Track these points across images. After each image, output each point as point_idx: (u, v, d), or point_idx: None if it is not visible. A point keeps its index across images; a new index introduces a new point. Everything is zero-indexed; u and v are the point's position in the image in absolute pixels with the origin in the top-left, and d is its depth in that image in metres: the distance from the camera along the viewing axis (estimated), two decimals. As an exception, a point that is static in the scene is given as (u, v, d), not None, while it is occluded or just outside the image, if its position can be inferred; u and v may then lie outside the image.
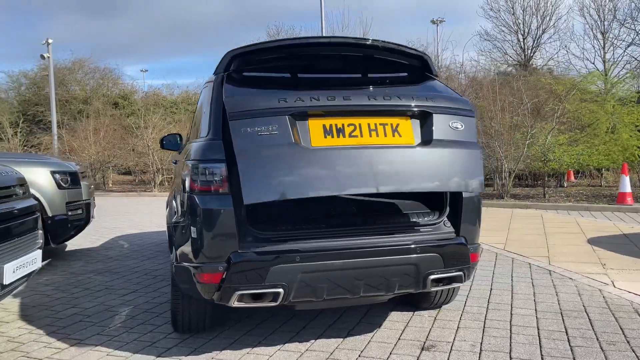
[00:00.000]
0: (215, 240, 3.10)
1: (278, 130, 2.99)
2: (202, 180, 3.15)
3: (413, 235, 3.33)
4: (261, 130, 2.97)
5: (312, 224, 3.33)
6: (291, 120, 3.05)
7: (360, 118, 3.16)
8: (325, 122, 3.12)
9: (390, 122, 3.20)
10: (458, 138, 3.25)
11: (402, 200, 3.68)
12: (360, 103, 3.18)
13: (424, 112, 3.26)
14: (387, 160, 3.08)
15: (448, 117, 3.27)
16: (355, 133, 3.12)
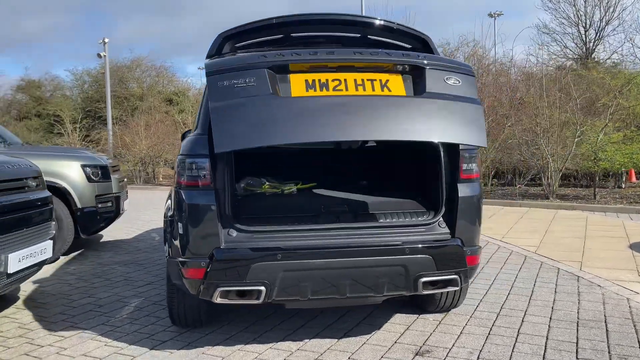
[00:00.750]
0: (199, 235, 3.09)
1: (256, 82, 2.84)
2: (188, 175, 3.15)
3: (403, 236, 3.20)
4: (238, 82, 2.83)
5: (297, 221, 3.26)
6: (270, 73, 2.89)
7: (345, 73, 2.96)
8: (308, 77, 2.96)
9: (379, 77, 3.00)
10: (455, 92, 3.00)
11: (397, 199, 3.55)
12: (345, 57, 2.99)
13: (415, 66, 3.04)
14: (374, 109, 2.85)
15: (443, 72, 3.03)
16: (340, 87, 2.92)
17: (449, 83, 3.02)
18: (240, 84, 2.82)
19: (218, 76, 2.86)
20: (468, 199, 3.30)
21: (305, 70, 2.98)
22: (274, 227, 3.18)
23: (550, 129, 11.53)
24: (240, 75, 2.84)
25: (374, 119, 2.80)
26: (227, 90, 2.82)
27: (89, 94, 33.54)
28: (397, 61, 3.03)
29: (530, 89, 13.21)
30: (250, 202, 3.27)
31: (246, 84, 2.82)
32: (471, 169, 3.37)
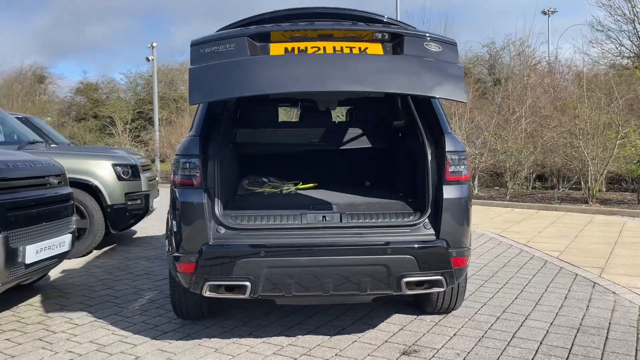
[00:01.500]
0: (190, 232, 3.26)
1: (235, 47, 2.97)
2: (181, 174, 3.32)
3: (387, 236, 3.25)
4: (218, 48, 2.96)
5: (284, 219, 3.37)
6: (250, 41, 3.02)
7: (325, 42, 3.05)
8: (288, 45, 3.07)
9: (358, 45, 3.09)
10: (435, 56, 3.05)
11: (386, 200, 3.60)
12: (325, 26, 3.10)
13: (395, 34, 3.13)
14: (352, 63, 2.93)
15: (423, 40, 3.09)
16: (319, 52, 3.02)
17: (428, 48, 3.07)
18: (220, 49, 2.96)
19: (200, 45, 3.02)
20: (454, 200, 3.31)
21: (286, 39, 3.09)
22: (260, 224, 3.31)
23: (590, 131, 11.12)
24: (221, 42, 2.99)
25: (352, 71, 2.87)
26: (207, 55, 2.96)
27: (141, 96, 34.92)
28: (376, 29, 3.11)
29: (569, 88, 12.76)
30: (240, 200, 3.42)
31: (226, 49, 2.96)
32: (459, 171, 3.38)
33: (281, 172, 4.57)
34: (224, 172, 3.63)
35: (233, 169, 4.08)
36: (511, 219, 9.66)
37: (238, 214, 3.40)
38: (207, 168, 3.30)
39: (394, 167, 4.55)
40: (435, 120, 3.56)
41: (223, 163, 3.62)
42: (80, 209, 6.54)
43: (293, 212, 3.42)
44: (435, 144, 3.46)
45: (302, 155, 4.54)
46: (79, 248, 6.54)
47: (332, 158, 4.82)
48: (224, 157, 3.70)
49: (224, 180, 3.61)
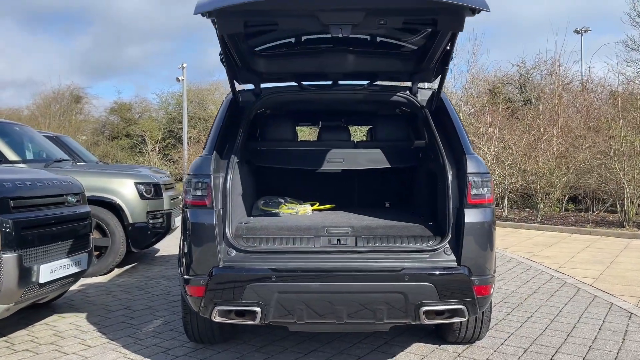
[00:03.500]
0: (200, 254, 3.17)
1: None
2: (192, 194, 3.25)
3: (405, 261, 3.09)
4: None
5: (297, 242, 3.25)
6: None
7: None
8: None
9: None
10: None
11: (405, 223, 3.44)
12: None
13: None
14: None
15: None
16: None
17: None
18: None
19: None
20: (476, 225, 3.14)
21: None
22: (271, 247, 3.19)
23: (626, 152, 10.71)
24: None
25: None
26: None
27: (172, 116, 35.52)
28: None
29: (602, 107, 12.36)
30: (253, 221, 3.32)
31: None
32: (482, 194, 3.21)
33: (298, 192, 4.47)
34: (238, 191, 3.55)
35: (248, 189, 3.99)
36: (542, 243, 9.31)
37: (250, 235, 3.30)
38: (218, 188, 3.22)
39: (414, 189, 4.40)
40: (456, 139, 3.41)
41: (236, 183, 3.53)
42: (102, 227, 6.57)
43: (307, 235, 3.29)
44: (457, 165, 3.31)
45: (320, 175, 4.43)
46: (100, 266, 6.56)
47: (351, 178, 4.70)
48: (238, 176, 3.61)
49: (238, 200, 3.53)
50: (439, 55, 3.51)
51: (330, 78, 3.92)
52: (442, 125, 3.57)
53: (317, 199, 4.36)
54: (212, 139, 3.38)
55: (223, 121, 3.52)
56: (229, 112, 3.63)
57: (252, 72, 3.69)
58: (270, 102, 3.87)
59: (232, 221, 3.25)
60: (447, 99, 3.75)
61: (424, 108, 3.75)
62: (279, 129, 4.19)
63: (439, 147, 3.41)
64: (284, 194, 4.33)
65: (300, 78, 3.87)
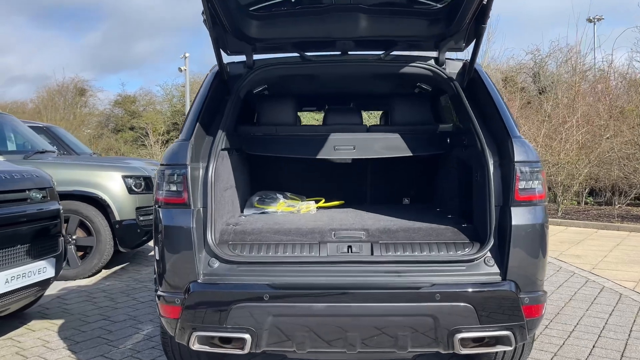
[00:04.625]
0: (174, 265, 2.52)
1: None
2: (165, 189, 2.59)
3: (435, 275, 2.42)
4: None
5: (297, 249, 2.58)
6: None
7: None
8: None
9: None
10: None
11: (433, 225, 2.76)
12: None
13: None
14: None
15: None
16: None
17: None
18: None
19: None
20: (526, 228, 2.46)
21: None
22: (264, 257, 2.53)
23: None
24: None
25: None
26: None
27: (177, 108, 34.88)
28: None
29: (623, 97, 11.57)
30: (245, 223, 2.68)
31: None
32: (532, 187, 2.53)
33: (300, 186, 3.79)
34: (225, 186, 2.89)
35: (239, 182, 3.33)
36: (568, 240, 8.60)
37: (238, 241, 2.64)
38: (198, 182, 2.56)
39: (440, 182, 3.71)
40: (497, 119, 2.72)
41: (223, 175, 2.87)
42: (86, 224, 5.95)
43: (309, 240, 2.63)
44: (499, 152, 2.62)
45: (326, 165, 3.76)
46: (84, 268, 5.96)
47: (363, 169, 4.01)
48: (226, 167, 2.95)
49: (224, 196, 2.87)
50: (474, 11, 2.79)
51: (339, 48, 3.21)
52: (478, 103, 2.89)
53: (324, 194, 3.69)
54: (191, 121, 2.72)
55: (205, 99, 2.85)
56: (214, 89, 2.96)
57: (243, 38, 3.00)
58: (265, 77, 3.18)
59: (215, 223, 2.60)
60: (483, 70, 3.05)
61: (454, 82, 3.06)
62: (276, 110, 3.50)
63: (476, 130, 2.72)
64: (283, 189, 3.65)
65: (302, 47, 3.17)
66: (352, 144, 3.36)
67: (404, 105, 3.57)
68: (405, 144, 3.38)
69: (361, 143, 3.38)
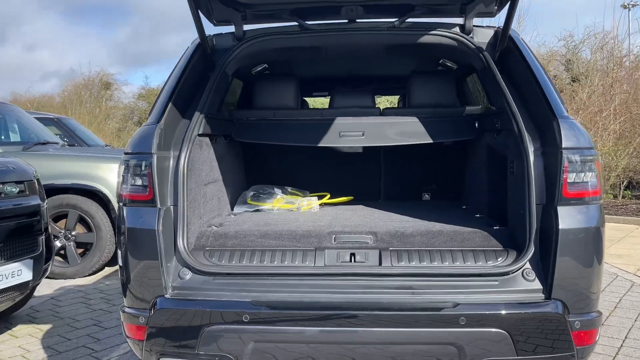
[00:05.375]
0: (138, 276, 2.08)
1: None
2: (129, 183, 2.14)
3: (459, 292, 1.92)
4: None
5: (287, 258, 2.11)
6: None
7: None
8: None
9: None
10: None
11: (457, 227, 2.25)
12: None
13: None
14: None
15: None
16: None
17: None
18: None
19: None
20: (577, 232, 1.94)
21: None
22: (247, 267, 2.07)
23: None
24: None
25: None
26: None
27: (200, 100, 34.85)
28: None
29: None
30: (232, 224, 2.24)
31: None
32: (584, 181, 2.00)
33: (304, 179, 3.31)
34: (206, 179, 2.44)
35: (229, 175, 2.87)
36: (607, 237, 7.91)
37: (217, 246, 2.18)
38: (167, 174, 2.11)
39: (469, 174, 3.18)
40: (538, 97, 2.19)
41: (203, 166, 2.42)
42: (86, 220, 5.60)
43: (303, 246, 2.15)
44: (541, 137, 2.10)
45: (334, 155, 3.27)
46: (84, 266, 5.62)
47: (376, 159, 3.49)
48: (207, 157, 2.50)
49: (206, 192, 2.42)
50: None
51: (345, 15, 2.69)
52: (515, 78, 2.37)
53: (330, 188, 3.21)
54: (162, 102, 2.27)
55: (181, 76, 2.39)
56: (193, 64, 2.50)
57: (230, 3, 2.52)
58: (258, 50, 2.68)
59: (190, 225, 2.15)
60: (520, 38, 2.51)
61: (484, 53, 2.52)
62: (273, 91, 3.02)
63: (512, 111, 2.20)
64: (284, 183, 3.18)
65: (302, 15, 2.67)
66: (361, 130, 2.85)
67: (422, 83, 3.04)
68: (425, 129, 2.86)
69: (372, 129, 2.88)
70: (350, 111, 2.99)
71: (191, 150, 2.19)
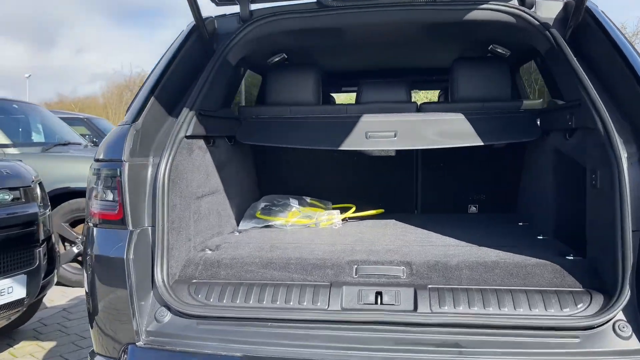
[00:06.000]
0: (104, 315, 1.64)
1: None
2: (99, 198, 1.72)
3: (523, 354, 1.40)
4: None
5: (292, 297, 1.63)
6: None
7: None
8: None
9: None
10: None
11: (514, 256, 1.73)
12: None
13: None
14: None
15: None
16: None
17: None
18: None
19: None
20: None
21: None
22: (240, 307, 1.61)
23: None
24: None
25: None
26: None
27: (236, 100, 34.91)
28: None
29: None
30: (231, 246, 1.80)
31: None
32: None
33: (325, 188, 2.83)
34: (201, 191, 2.00)
35: (234, 184, 2.43)
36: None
37: (207, 278, 1.73)
38: (144, 187, 1.67)
39: (529, 183, 2.61)
40: (631, 87, 1.64)
41: (195, 175, 1.98)
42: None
43: (315, 280, 1.68)
44: (637, 139, 1.55)
45: (362, 159, 2.78)
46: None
47: (411, 164, 2.95)
48: (201, 163, 2.06)
49: (200, 207, 1.98)
50: None
51: None
52: (595, 62, 1.82)
53: (356, 199, 2.71)
54: (142, 96, 1.84)
55: (168, 66, 1.95)
56: (186, 52, 2.05)
57: None
58: (266, 33, 2.22)
59: (173, 250, 1.70)
60: (600, 11, 1.95)
61: (551, 30, 1.98)
62: (286, 83, 2.55)
63: (594, 103, 1.67)
64: (302, 192, 2.70)
65: None
66: (393, 129, 2.34)
67: (469, 71, 2.51)
68: (472, 128, 2.33)
69: (405, 128, 2.36)
70: (381, 107, 2.49)
71: (174, 155, 1.76)
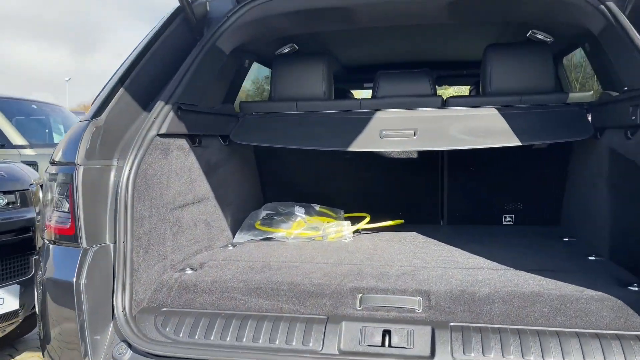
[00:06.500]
0: (53, 350, 1.37)
1: None
2: (52, 209, 1.45)
3: None
4: None
5: (278, 333, 1.33)
6: None
7: None
8: None
9: None
10: None
11: (561, 285, 1.38)
12: None
13: None
14: None
15: None
16: None
17: None
18: None
19: None
20: None
21: None
22: (215, 345, 1.31)
23: None
24: None
25: None
26: None
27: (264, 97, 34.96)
28: None
29: None
30: (207, 264, 1.52)
31: None
32: None
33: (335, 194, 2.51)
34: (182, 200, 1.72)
35: (228, 190, 2.14)
36: None
37: (179, 307, 1.45)
38: (105, 196, 1.39)
39: (577, 192, 2.22)
40: None
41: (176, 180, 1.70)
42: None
43: (310, 312, 1.38)
44: None
45: (379, 161, 2.45)
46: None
47: (435, 167, 2.58)
48: (183, 166, 1.78)
49: (182, 218, 1.70)
50: None
51: None
52: None
53: (370, 208, 2.37)
54: (109, 88, 1.56)
55: (142, 54, 1.67)
56: (166, 38, 1.77)
57: None
58: (263, 15, 1.92)
59: (139, 272, 1.42)
60: None
61: (607, 4, 1.62)
62: (291, 74, 2.25)
63: None
64: (310, 200, 2.39)
65: None
66: (412, 127, 2.00)
67: (505, 59, 2.15)
68: (509, 125, 1.97)
69: (427, 125, 2.02)
70: (400, 101, 2.16)
71: (143, 157, 1.47)
